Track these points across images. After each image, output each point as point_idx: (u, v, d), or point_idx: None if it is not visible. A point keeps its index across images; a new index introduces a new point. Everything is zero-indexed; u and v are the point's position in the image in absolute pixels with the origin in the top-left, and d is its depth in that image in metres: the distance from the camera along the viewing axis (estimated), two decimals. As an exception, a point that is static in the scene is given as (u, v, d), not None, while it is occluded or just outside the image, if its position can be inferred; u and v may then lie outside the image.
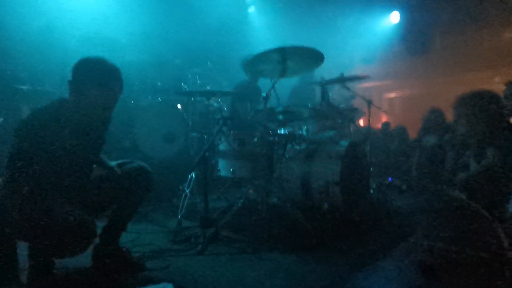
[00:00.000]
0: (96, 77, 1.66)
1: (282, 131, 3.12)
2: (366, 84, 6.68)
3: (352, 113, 3.63)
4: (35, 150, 1.56)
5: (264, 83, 3.60)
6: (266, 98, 2.67)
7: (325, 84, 3.31)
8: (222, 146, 3.07)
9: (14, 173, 1.53)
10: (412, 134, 5.41)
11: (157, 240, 2.51)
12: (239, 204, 2.78)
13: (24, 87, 3.75)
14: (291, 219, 2.66)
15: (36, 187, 1.56)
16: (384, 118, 6.53)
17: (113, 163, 2.06)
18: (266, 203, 2.61)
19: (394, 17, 7.15)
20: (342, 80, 3.43)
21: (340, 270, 2.05)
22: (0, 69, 4.12)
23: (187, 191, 3.00)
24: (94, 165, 2.01)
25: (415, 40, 6.98)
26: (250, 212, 2.81)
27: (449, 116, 4.57)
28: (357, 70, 6.66)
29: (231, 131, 2.99)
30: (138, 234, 2.55)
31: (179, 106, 4.36)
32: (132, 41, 4.48)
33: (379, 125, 6.24)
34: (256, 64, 2.79)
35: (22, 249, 1.72)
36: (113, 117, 3.94)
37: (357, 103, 4.02)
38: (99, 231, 1.81)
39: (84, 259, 1.92)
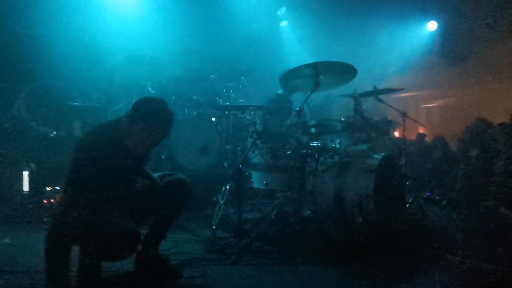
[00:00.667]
0: (151, 119, 1.84)
1: (314, 144, 3.14)
2: (402, 95, 6.50)
3: (386, 125, 3.57)
4: (92, 165, 1.73)
5: (298, 97, 3.65)
6: (299, 112, 2.72)
7: (358, 97, 3.30)
8: (256, 159, 3.14)
9: (73, 184, 1.69)
10: (452, 145, 5.18)
11: (192, 249, 2.60)
12: (272, 216, 2.81)
13: (75, 104, 4.10)
14: (323, 232, 2.66)
15: (91, 198, 1.71)
16: (420, 130, 6.29)
17: (154, 175, 2.19)
18: (298, 216, 2.63)
19: (431, 25, 6.96)
20: (376, 92, 3.41)
21: (373, 286, 2.01)
22: (53, 86, 4.53)
23: (221, 202, 3.08)
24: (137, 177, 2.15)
25: (453, 48, 6.74)
26: (283, 224, 2.84)
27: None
28: (393, 81, 6.53)
29: (265, 144, 3.06)
30: (175, 243, 2.66)
31: (213, 119, 4.53)
32: (170, 58, 4.76)
33: (414, 137, 6.04)
34: (290, 78, 2.87)
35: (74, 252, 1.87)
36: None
37: (392, 115, 3.95)
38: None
39: (128, 263, 2.04)
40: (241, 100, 4.92)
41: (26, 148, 4.02)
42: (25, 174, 3.68)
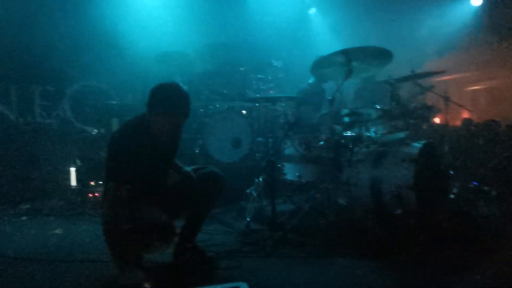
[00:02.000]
0: (167, 103, 1.85)
1: (349, 134, 3.04)
2: (444, 78, 6.07)
3: (426, 112, 3.36)
4: (123, 159, 1.79)
5: (331, 85, 3.54)
6: (332, 101, 2.63)
7: (394, 83, 3.13)
8: (288, 150, 3.10)
9: (109, 179, 1.77)
10: (502, 130, 4.76)
11: (227, 241, 2.64)
12: (307, 208, 2.77)
13: (113, 102, 4.29)
14: (360, 224, 2.58)
15: (126, 192, 1.78)
16: (465, 114, 5.86)
17: (188, 169, 2.24)
18: (334, 207, 2.57)
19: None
20: (414, 77, 3.21)
21: (413, 281, 1.92)
22: (93, 87, 4.78)
23: (255, 194, 3.09)
24: (171, 171, 2.21)
25: (500, 24, 6.15)
26: (317, 216, 2.79)
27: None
28: (433, 63, 6.11)
29: (297, 135, 3.01)
30: (210, 235, 2.72)
31: (244, 112, 4.53)
32: (199, 53, 4.81)
33: (459, 123, 5.63)
34: (321, 67, 2.78)
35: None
36: (184, 125, 4.28)
37: (432, 100, 3.70)
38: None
39: (167, 255, 2.12)
40: (271, 92, 4.87)
41: (71, 145, 4.30)
42: (72, 170, 3.94)
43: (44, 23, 4.35)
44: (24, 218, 3.40)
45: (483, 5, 6.33)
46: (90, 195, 3.74)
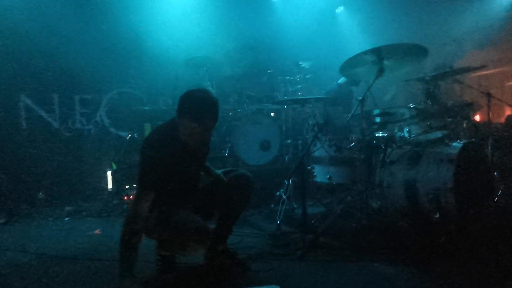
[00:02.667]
0: (195, 110, 1.86)
1: (380, 134, 2.94)
2: (485, 72, 5.71)
3: (465, 109, 3.18)
4: (155, 163, 1.84)
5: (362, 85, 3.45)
6: (363, 101, 2.57)
7: (430, 80, 2.99)
8: (318, 152, 3.06)
9: (142, 183, 1.83)
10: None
11: (258, 243, 2.64)
12: (338, 211, 2.72)
13: (146, 108, 4.45)
14: (394, 227, 2.48)
15: (160, 195, 1.84)
16: (508, 111, 5.47)
17: (218, 172, 2.27)
18: (366, 210, 2.50)
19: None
20: (452, 73, 3.05)
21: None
22: (127, 93, 5.00)
23: (285, 197, 3.08)
24: (202, 173, 2.25)
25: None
26: (349, 219, 2.73)
27: None
28: (473, 57, 5.77)
29: (327, 137, 2.96)
30: (241, 237, 2.73)
31: (272, 114, 4.53)
32: (227, 57, 4.88)
33: (502, 120, 5.27)
34: (351, 67, 2.72)
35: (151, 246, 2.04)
36: (214, 128, 4.33)
37: (473, 96, 3.50)
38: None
39: (199, 257, 2.16)
40: (299, 93, 4.83)
41: (108, 150, 4.52)
42: (109, 173, 4.13)
43: (79, 33, 4.60)
44: (67, 219, 3.60)
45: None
46: (125, 197, 3.89)
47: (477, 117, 4.10)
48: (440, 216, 2.43)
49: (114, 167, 4.16)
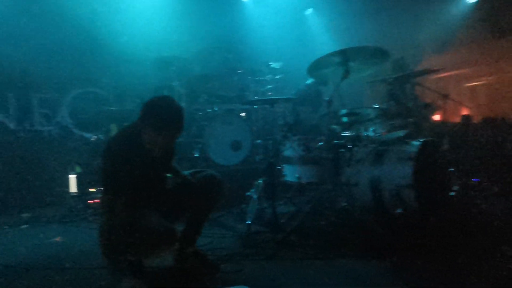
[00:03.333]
0: (159, 118, 1.82)
1: (347, 134, 3.04)
2: (442, 75, 6.07)
3: (424, 110, 3.37)
4: (118, 169, 1.79)
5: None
6: (330, 102, 2.63)
7: (392, 82, 3.13)
8: (287, 152, 3.10)
9: (106, 186, 1.77)
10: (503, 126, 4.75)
11: (229, 244, 2.63)
12: (307, 209, 2.77)
13: (112, 108, 4.29)
14: (360, 224, 2.57)
15: (125, 199, 1.78)
16: (464, 111, 5.85)
17: (186, 173, 2.23)
18: (334, 208, 2.57)
19: (472, -5, 6.38)
20: (412, 75, 3.21)
21: (414, 280, 1.91)
22: (92, 93, 4.80)
23: (255, 197, 3.09)
24: (169, 175, 2.20)
25: (497, 20, 6.16)
26: (318, 217, 2.79)
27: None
28: (432, 61, 6.11)
29: (296, 137, 3.01)
30: (211, 239, 2.70)
31: (243, 114, 4.53)
32: (197, 57, 4.83)
33: (458, 120, 5.63)
34: (318, 68, 2.78)
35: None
36: (183, 129, 4.26)
37: (431, 97, 3.70)
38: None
39: (168, 260, 2.12)
40: (270, 94, 4.88)
41: (71, 152, 4.31)
42: (72, 177, 3.94)
43: (40, 30, 4.36)
44: (24, 226, 3.39)
45: (478, 2, 6.34)
46: (90, 201, 3.73)
47: (436, 117, 4.35)
48: (402, 211, 2.55)
49: (78, 170, 3.97)
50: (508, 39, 6.05)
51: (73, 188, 3.93)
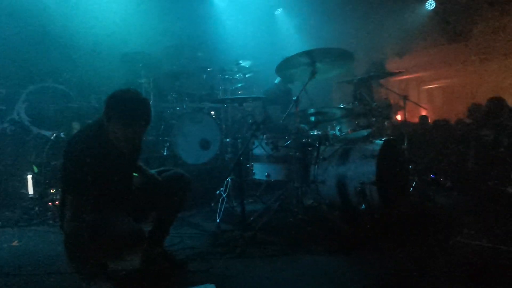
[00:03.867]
0: (124, 112, 1.75)
1: (315, 133, 3.12)
2: (403, 77, 6.42)
3: (386, 110, 3.54)
4: (81, 167, 1.70)
5: (297, 85, 3.60)
6: (297, 101, 2.69)
7: (357, 83, 3.26)
8: (256, 150, 3.13)
9: (67, 186, 1.69)
10: (456, 125, 5.11)
11: (198, 243, 2.61)
12: (275, 207, 2.81)
13: (74, 105, 4.09)
14: (327, 220, 2.66)
15: (88, 199, 1.71)
16: (423, 112, 6.23)
17: (152, 171, 2.19)
18: (302, 205, 2.63)
19: (429, 3, 6.79)
20: (375, 77, 3.36)
21: (379, 272, 2.01)
22: (52, 88, 4.53)
23: (224, 195, 3.09)
24: (135, 174, 2.15)
25: (453, 27, 6.60)
26: (286, 214, 2.84)
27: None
28: (393, 63, 6.43)
29: (264, 135, 3.05)
30: (180, 238, 2.67)
31: (212, 113, 4.50)
32: (165, 54, 4.72)
33: (417, 120, 5.97)
34: (286, 67, 2.83)
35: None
36: (152, 127, 4.14)
37: (393, 98, 3.91)
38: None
39: (135, 261, 2.06)
40: (239, 92, 4.88)
41: (28, 152, 4.05)
42: (29, 177, 3.71)
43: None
44: (-24, 230, 3.15)
45: (436, 9, 6.76)
46: (50, 203, 3.54)
47: (398, 117, 4.59)
48: (365, 207, 2.66)
49: (36, 170, 3.74)
50: (460, 44, 6.50)
51: (30, 189, 3.70)
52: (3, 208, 3.72)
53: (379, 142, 2.88)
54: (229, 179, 3.20)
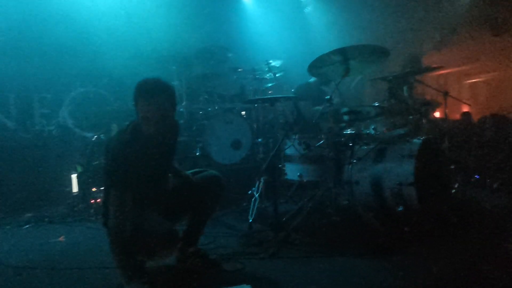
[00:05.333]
0: (144, 89, 1.81)
1: (348, 132, 3.04)
2: (442, 72, 6.07)
3: (424, 107, 3.37)
4: (118, 165, 1.78)
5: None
6: (330, 100, 2.63)
7: (392, 80, 3.13)
8: (288, 151, 3.11)
9: (107, 185, 1.78)
10: (501, 123, 4.75)
11: (230, 243, 2.64)
12: (309, 208, 2.77)
13: (112, 107, 4.30)
14: (362, 222, 2.58)
15: (126, 198, 1.79)
16: (464, 108, 5.85)
17: (187, 172, 2.24)
18: (336, 206, 2.58)
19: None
20: (412, 73, 3.21)
21: (417, 277, 1.92)
22: (92, 93, 4.80)
23: (256, 195, 3.09)
24: (170, 175, 2.20)
25: (497, 16, 6.15)
26: (320, 215, 2.80)
27: None
28: (431, 58, 6.10)
29: (296, 135, 3.02)
30: (213, 238, 2.71)
31: (243, 113, 4.53)
32: (197, 56, 4.82)
33: (458, 117, 5.63)
34: (318, 66, 2.78)
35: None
36: (184, 127, 4.26)
37: (431, 95, 3.71)
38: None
39: (170, 260, 2.13)
40: (270, 92, 4.87)
41: (72, 152, 4.31)
42: (73, 176, 3.95)
43: (39, 30, 4.35)
44: (27, 226, 3.40)
45: (477, -1, 6.33)
46: (92, 201, 3.74)
47: (436, 114, 4.35)
48: (403, 209, 2.56)
49: (79, 169, 3.98)
50: (506, 35, 6.04)
51: (74, 187, 3.94)
52: (51, 205, 4.00)
53: (418, 141, 2.75)
54: (261, 179, 3.20)
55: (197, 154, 4.15)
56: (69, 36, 4.51)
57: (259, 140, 4.13)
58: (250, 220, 2.90)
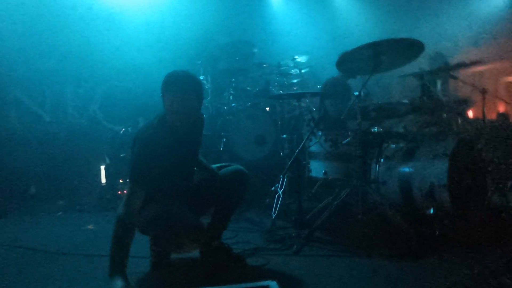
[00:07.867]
0: (171, 81, 1.82)
1: (376, 130, 2.94)
2: (479, 68, 5.72)
3: (460, 105, 3.19)
4: (146, 158, 1.81)
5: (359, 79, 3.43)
6: (358, 96, 2.55)
7: (425, 75, 2.99)
8: (314, 147, 3.05)
9: (135, 178, 1.81)
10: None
11: (253, 239, 2.64)
12: (333, 206, 2.71)
13: (140, 102, 4.41)
14: (389, 223, 2.49)
15: (153, 191, 1.81)
16: (501, 107, 5.51)
17: (213, 166, 2.24)
18: (361, 206, 2.50)
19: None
20: (447, 68, 3.05)
21: (447, 284, 1.83)
22: (120, 87, 4.93)
23: (280, 192, 3.07)
24: (196, 168, 2.22)
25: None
26: (344, 214, 2.73)
27: None
28: (468, 53, 5.79)
29: (322, 132, 2.95)
30: (236, 233, 2.72)
31: (267, 109, 4.50)
32: (222, 51, 4.84)
33: (495, 116, 5.30)
34: (347, 61, 2.69)
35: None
36: (209, 122, 4.30)
37: (467, 92, 3.50)
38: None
39: (194, 252, 2.15)
40: (295, 88, 4.81)
41: (101, 144, 4.47)
42: (102, 167, 4.09)
43: (69, 26, 4.52)
44: (59, 213, 3.57)
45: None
46: (119, 192, 3.86)
47: (471, 113, 4.12)
48: (434, 211, 2.44)
49: (108, 161, 4.12)
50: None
51: (103, 178, 4.08)
52: (81, 194, 4.17)
53: (452, 140, 2.61)
54: (285, 175, 3.16)
55: (221, 149, 4.17)
56: (98, 34, 4.65)
57: (284, 136, 4.08)
58: (273, 216, 2.89)
